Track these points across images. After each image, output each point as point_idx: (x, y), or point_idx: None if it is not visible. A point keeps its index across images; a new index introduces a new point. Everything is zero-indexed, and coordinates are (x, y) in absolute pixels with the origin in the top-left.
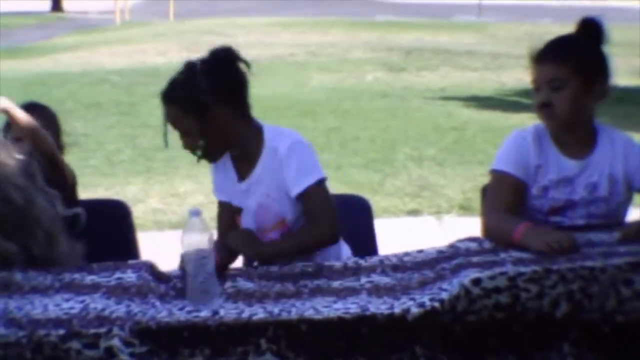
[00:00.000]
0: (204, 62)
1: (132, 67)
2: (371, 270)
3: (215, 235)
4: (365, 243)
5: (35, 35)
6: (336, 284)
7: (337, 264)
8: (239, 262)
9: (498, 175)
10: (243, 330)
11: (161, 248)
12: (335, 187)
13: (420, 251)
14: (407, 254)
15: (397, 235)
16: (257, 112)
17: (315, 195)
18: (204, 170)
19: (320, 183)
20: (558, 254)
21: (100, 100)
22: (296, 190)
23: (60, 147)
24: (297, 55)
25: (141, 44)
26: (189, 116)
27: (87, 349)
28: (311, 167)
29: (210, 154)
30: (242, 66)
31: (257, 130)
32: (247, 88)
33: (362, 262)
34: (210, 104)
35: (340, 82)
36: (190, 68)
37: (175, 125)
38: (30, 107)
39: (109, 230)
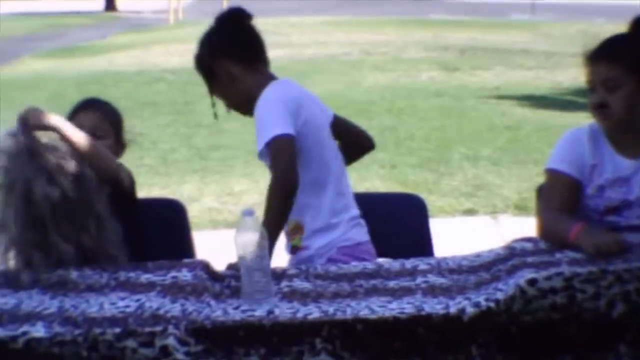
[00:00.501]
0: (209, 27)
1: (187, 67)
2: (428, 272)
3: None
4: (420, 242)
5: (90, 34)
6: (392, 283)
7: (395, 264)
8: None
9: (553, 175)
10: (298, 330)
11: (216, 247)
12: (390, 186)
13: (478, 255)
14: (464, 257)
15: (452, 235)
16: None
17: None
18: (260, 169)
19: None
20: (606, 257)
21: (155, 100)
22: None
23: (122, 146)
24: (351, 54)
25: (195, 43)
26: (204, 77)
27: (143, 348)
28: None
29: (235, 109)
30: (248, 24)
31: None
32: (253, 43)
33: (419, 263)
34: (211, 65)
35: (394, 81)
36: (203, 35)
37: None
38: (91, 104)
39: (164, 229)
